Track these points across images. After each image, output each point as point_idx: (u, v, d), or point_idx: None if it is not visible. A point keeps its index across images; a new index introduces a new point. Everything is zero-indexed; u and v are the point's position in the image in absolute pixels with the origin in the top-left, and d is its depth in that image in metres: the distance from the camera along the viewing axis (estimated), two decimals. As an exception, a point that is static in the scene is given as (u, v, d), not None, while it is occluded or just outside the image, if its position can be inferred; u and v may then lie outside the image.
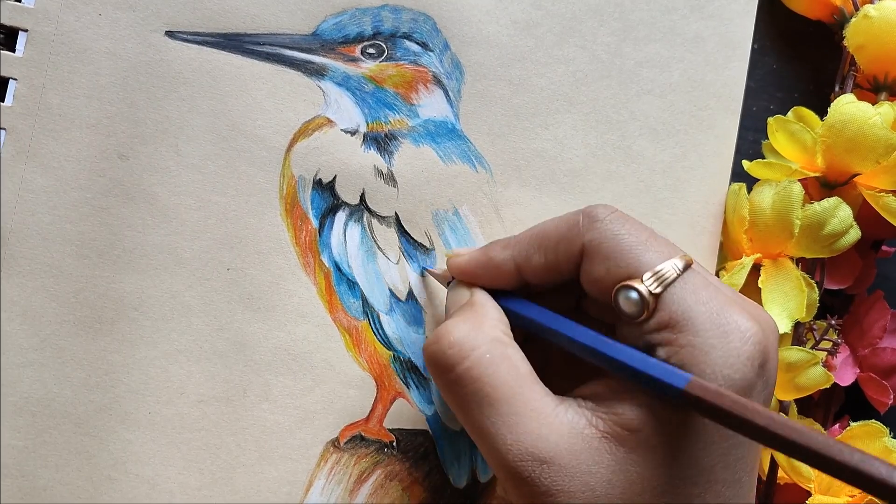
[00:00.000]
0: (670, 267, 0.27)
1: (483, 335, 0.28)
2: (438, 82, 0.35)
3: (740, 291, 0.35)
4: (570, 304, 0.33)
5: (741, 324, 0.26)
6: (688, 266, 0.27)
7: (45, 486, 0.31)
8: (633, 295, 0.27)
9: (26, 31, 0.31)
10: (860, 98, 0.36)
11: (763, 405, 0.27)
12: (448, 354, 0.28)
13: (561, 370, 0.32)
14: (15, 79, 0.31)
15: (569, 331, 0.28)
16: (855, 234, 0.35)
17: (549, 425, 0.27)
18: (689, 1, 0.38)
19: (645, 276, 0.27)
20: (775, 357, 0.28)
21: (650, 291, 0.26)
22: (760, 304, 0.35)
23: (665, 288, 0.27)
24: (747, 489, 0.27)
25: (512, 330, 0.30)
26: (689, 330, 0.26)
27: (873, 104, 0.35)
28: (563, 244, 0.29)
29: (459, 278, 0.32)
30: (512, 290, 0.31)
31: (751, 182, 0.37)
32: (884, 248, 0.41)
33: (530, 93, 0.36)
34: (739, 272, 0.35)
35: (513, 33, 0.36)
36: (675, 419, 0.26)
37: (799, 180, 0.35)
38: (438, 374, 0.28)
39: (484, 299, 0.30)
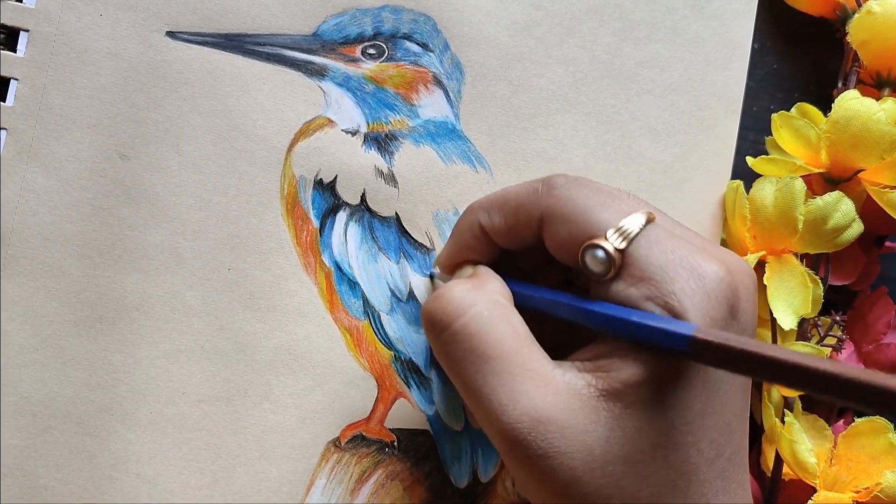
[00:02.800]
0: (632, 222, 0.27)
1: (482, 295, 0.28)
2: (439, 83, 0.35)
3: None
4: (560, 279, 0.33)
5: (707, 267, 0.26)
6: (650, 220, 0.27)
7: (45, 486, 0.31)
8: (599, 253, 0.26)
9: (27, 31, 0.31)
10: (863, 94, 0.36)
11: (752, 330, 0.27)
12: (446, 310, 0.28)
13: (554, 341, 0.32)
14: (16, 79, 0.31)
15: (571, 300, 0.28)
16: (858, 227, 0.35)
17: (547, 385, 0.26)
18: (689, 1, 0.38)
19: (609, 233, 0.27)
20: (749, 300, 0.28)
21: (615, 248, 0.26)
22: (766, 301, 0.35)
23: (629, 242, 0.27)
24: (739, 435, 0.27)
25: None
26: (657, 279, 0.26)
27: (877, 100, 0.35)
28: (521, 209, 0.29)
29: (448, 264, 0.32)
30: (497, 265, 0.31)
31: (749, 180, 0.37)
32: (887, 244, 0.41)
33: (530, 93, 0.36)
34: None
35: (513, 34, 0.36)
36: (668, 372, 0.26)
37: (802, 176, 0.35)
38: (435, 331, 0.28)
39: (486, 271, 0.31)
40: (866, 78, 0.38)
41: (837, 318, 0.37)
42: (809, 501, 0.34)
